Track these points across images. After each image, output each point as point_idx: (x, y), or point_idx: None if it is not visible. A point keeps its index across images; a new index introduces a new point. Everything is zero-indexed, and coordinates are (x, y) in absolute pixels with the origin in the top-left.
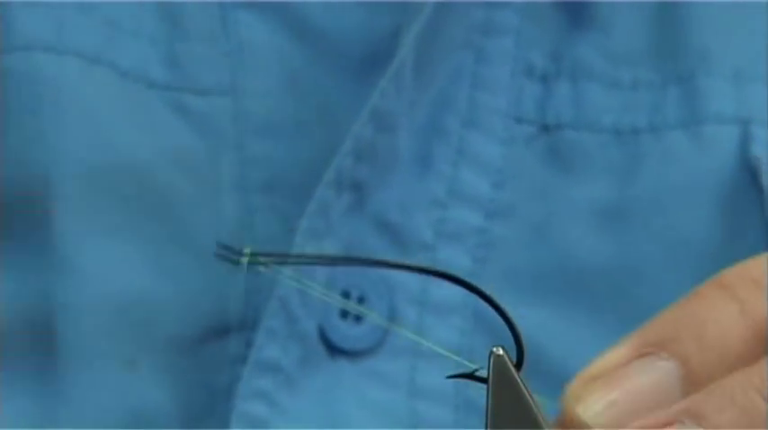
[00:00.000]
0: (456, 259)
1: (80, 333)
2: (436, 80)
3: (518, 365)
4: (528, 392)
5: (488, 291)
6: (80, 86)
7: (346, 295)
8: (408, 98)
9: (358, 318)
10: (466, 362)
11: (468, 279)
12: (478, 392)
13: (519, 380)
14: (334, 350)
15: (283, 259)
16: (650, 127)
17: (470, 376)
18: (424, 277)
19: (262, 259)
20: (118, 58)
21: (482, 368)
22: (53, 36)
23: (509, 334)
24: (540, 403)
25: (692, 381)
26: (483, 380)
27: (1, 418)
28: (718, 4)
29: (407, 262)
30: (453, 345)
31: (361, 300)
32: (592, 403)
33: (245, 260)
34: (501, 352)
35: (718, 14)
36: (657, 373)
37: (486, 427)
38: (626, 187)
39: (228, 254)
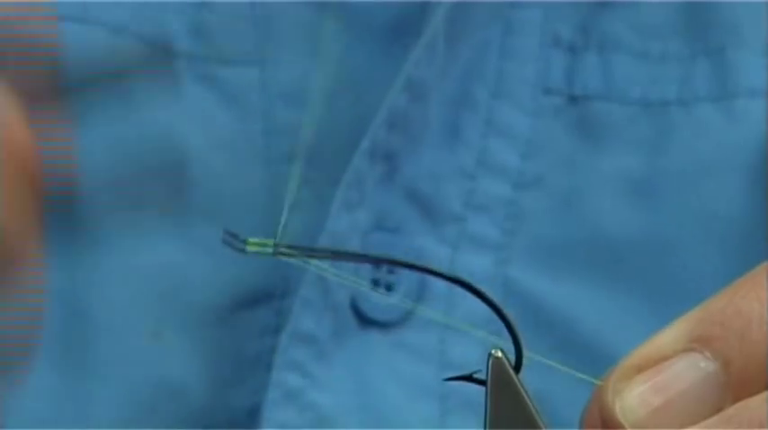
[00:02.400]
0: (485, 230)
1: (107, 304)
2: (466, 51)
3: (517, 368)
4: (527, 394)
5: (517, 263)
6: (106, 57)
7: (376, 268)
8: (439, 68)
9: (388, 289)
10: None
11: (496, 250)
12: None
13: (518, 382)
14: (364, 321)
15: (294, 251)
16: (679, 100)
17: (469, 378)
18: (453, 249)
19: (274, 248)
20: (144, 29)
21: (481, 370)
22: (79, 7)
23: (536, 307)
24: (537, 405)
25: (731, 387)
26: (482, 383)
27: (30, 391)
28: None
29: (412, 261)
30: (483, 317)
31: (390, 273)
32: (629, 398)
33: (250, 248)
34: (500, 354)
35: None
36: (699, 375)
37: (485, 429)
38: (655, 159)
39: (233, 241)
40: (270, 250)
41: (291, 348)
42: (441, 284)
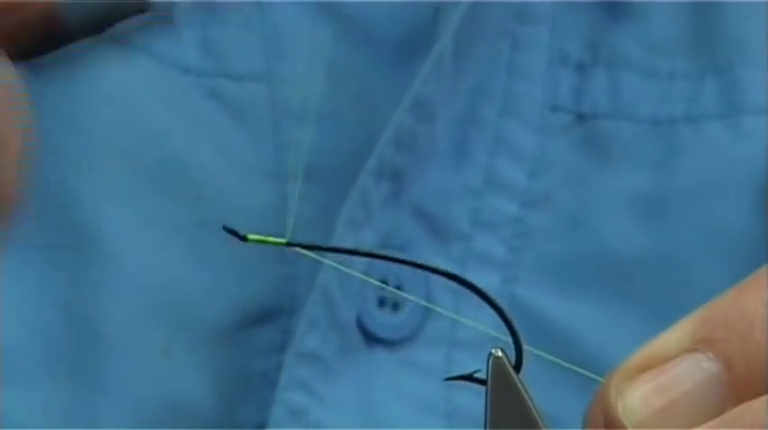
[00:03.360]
0: (492, 248)
1: (115, 321)
2: (473, 68)
3: (517, 367)
4: (527, 394)
5: (524, 281)
6: (115, 72)
7: (384, 284)
8: (447, 86)
9: (395, 308)
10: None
11: (503, 268)
12: None
13: (518, 382)
14: (371, 339)
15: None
16: (687, 117)
17: (470, 378)
18: (460, 266)
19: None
20: (153, 44)
21: (481, 370)
22: None
23: (544, 322)
24: (538, 405)
25: (733, 389)
26: (482, 382)
27: (37, 408)
28: None
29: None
30: (489, 333)
31: (398, 289)
32: (631, 398)
33: (252, 238)
34: (500, 353)
35: (754, 4)
36: (701, 376)
37: (486, 429)
38: (663, 177)
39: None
40: (281, 242)
41: (296, 367)
42: (447, 301)
